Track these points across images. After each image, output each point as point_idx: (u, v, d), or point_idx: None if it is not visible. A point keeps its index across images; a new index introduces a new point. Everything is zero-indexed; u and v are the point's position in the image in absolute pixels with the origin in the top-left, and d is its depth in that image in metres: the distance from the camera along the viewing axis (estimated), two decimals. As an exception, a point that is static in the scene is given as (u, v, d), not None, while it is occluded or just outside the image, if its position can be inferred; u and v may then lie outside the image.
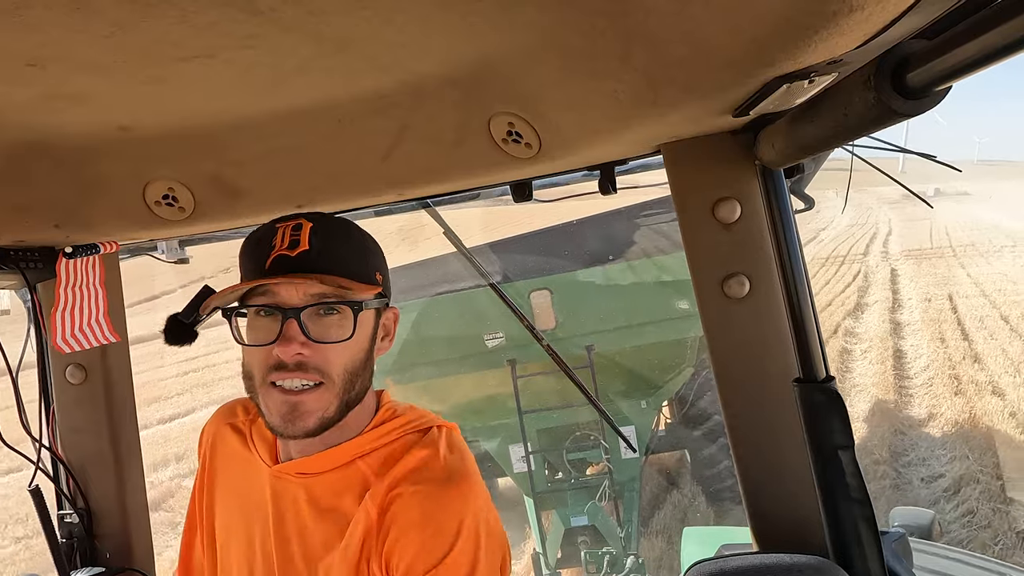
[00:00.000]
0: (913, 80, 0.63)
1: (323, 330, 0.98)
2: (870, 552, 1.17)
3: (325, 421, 0.99)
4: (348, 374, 1.00)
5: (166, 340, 1.13)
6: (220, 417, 1.21)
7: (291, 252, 0.98)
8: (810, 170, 1.37)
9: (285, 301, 0.97)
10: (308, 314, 0.97)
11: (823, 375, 1.20)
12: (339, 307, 0.98)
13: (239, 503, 1.12)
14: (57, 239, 1.45)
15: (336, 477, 1.04)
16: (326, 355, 0.98)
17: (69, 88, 0.93)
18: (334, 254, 1.00)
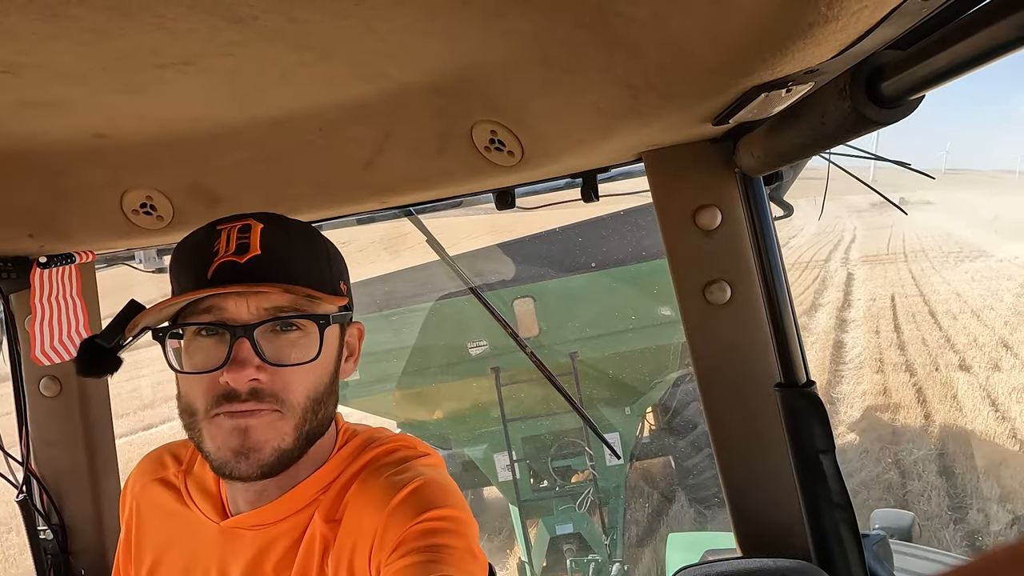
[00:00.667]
0: (887, 89, 0.64)
1: (282, 349, 0.81)
2: (852, 555, 1.18)
3: (283, 454, 0.81)
4: (311, 401, 0.83)
5: (79, 370, 0.92)
6: (144, 473, 0.99)
7: (239, 258, 0.80)
8: (788, 177, 1.39)
9: (234, 317, 0.80)
10: (263, 331, 0.80)
11: (804, 379, 1.21)
12: (300, 322, 0.82)
13: (181, 571, 0.91)
14: (31, 249, 1.42)
15: (298, 521, 0.87)
16: (286, 380, 0.81)
17: (45, 95, 0.92)
18: (291, 260, 0.83)
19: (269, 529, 0.87)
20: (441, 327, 4.91)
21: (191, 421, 0.83)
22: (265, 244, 0.82)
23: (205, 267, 0.81)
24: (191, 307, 0.82)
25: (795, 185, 1.52)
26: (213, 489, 0.93)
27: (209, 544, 0.90)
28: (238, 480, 0.83)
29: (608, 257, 5.04)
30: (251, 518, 0.88)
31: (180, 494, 0.95)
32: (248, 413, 0.79)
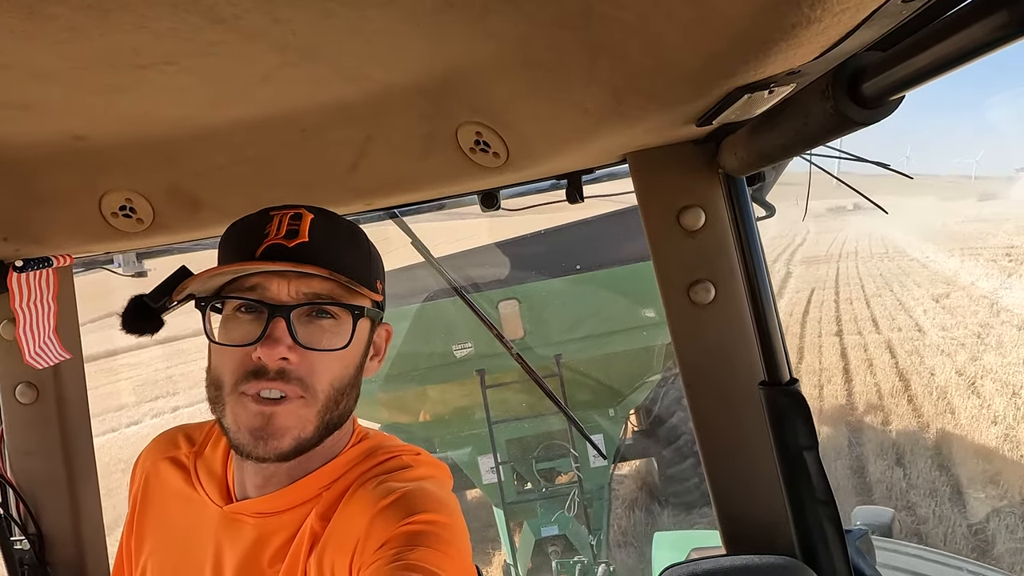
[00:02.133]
0: (868, 90, 0.65)
1: (314, 335, 0.84)
2: (835, 551, 1.19)
3: (302, 442, 0.84)
4: (334, 390, 0.85)
5: (123, 326, 0.94)
6: (157, 450, 1.02)
7: (288, 242, 0.84)
8: (770, 178, 1.41)
9: (274, 297, 0.83)
10: (299, 315, 0.83)
11: (787, 378, 1.23)
12: (336, 310, 0.85)
13: (179, 551, 0.93)
14: (6, 253, 1.39)
15: (300, 514, 0.88)
16: (313, 365, 0.83)
17: (21, 96, 0.90)
18: (336, 252, 0.86)
19: (269, 519, 0.88)
20: (426, 329, 4.89)
21: (217, 395, 0.85)
22: (313, 232, 0.85)
23: (255, 247, 0.84)
24: (235, 283, 0.85)
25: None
26: (220, 473, 0.94)
27: (210, 528, 0.91)
28: (254, 461, 0.84)
29: (592, 259, 5.06)
30: (254, 505, 0.89)
31: (189, 475, 0.96)
32: (275, 403, 0.82)
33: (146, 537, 0.97)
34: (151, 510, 0.99)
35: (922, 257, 24.09)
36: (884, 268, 22.31)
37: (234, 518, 0.90)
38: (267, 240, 0.84)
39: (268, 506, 0.88)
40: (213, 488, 0.93)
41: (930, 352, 10.65)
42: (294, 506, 0.88)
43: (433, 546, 0.78)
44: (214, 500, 0.92)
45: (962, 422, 7.72)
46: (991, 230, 30.79)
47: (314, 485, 0.89)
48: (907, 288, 17.46)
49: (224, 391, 0.84)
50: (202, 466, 0.97)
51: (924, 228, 34.95)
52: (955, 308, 13.92)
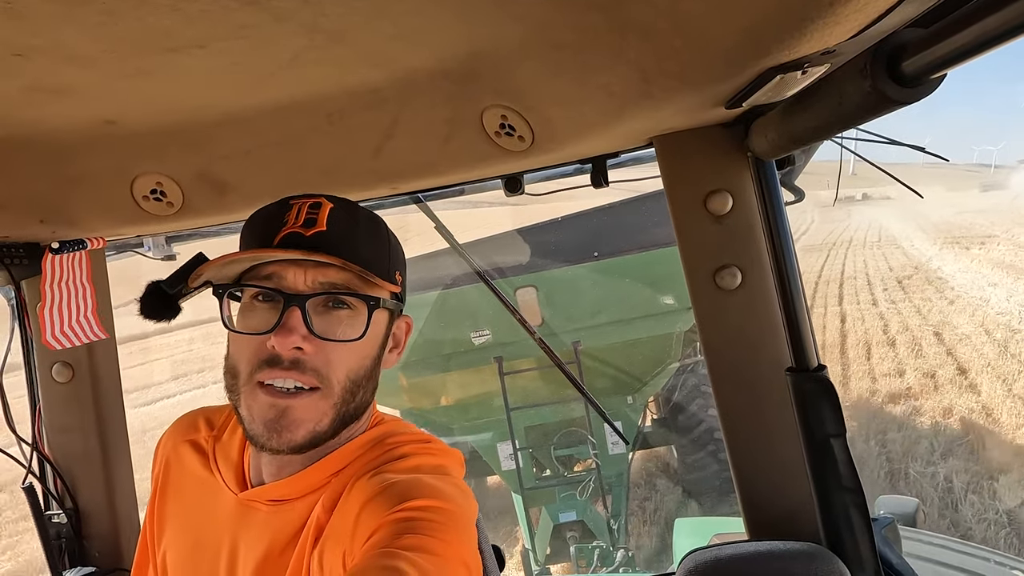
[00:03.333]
0: (908, 68, 0.64)
1: (330, 325, 0.83)
2: (862, 539, 1.19)
3: (316, 435, 0.83)
4: (350, 382, 0.84)
5: (141, 311, 0.94)
6: (178, 432, 1.01)
7: (306, 231, 0.83)
8: (800, 162, 1.39)
9: (290, 286, 0.82)
10: (314, 304, 0.82)
11: (815, 364, 1.21)
12: (352, 301, 0.84)
13: (196, 535, 0.92)
14: (43, 235, 1.42)
15: (310, 502, 0.87)
16: (328, 356, 0.82)
17: (55, 80, 0.92)
18: (354, 242, 0.85)
19: (282, 507, 0.87)
20: (444, 317, 4.91)
21: (233, 383, 0.84)
22: (332, 222, 0.84)
23: (273, 234, 0.83)
24: (253, 271, 0.84)
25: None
26: (236, 459, 0.93)
27: (225, 514, 0.90)
28: (268, 452, 0.84)
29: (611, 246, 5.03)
30: (267, 492, 0.88)
31: (207, 459, 0.96)
32: (289, 395, 0.81)
33: (167, 520, 0.97)
34: (171, 493, 0.98)
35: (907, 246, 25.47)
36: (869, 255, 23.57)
37: (248, 505, 0.89)
38: (285, 228, 0.84)
39: (280, 493, 0.88)
40: (229, 474, 0.92)
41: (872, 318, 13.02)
42: (305, 494, 0.87)
43: (424, 532, 0.74)
44: (230, 486, 0.91)
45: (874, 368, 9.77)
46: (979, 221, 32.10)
47: (324, 472, 0.88)
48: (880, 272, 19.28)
49: (240, 380, 0.83)
50: (220, 451, 0.96)
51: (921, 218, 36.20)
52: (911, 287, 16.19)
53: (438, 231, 2.06)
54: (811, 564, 1.16)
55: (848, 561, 1.19)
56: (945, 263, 19.41)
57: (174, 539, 0.95)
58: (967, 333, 11.01)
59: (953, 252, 21.56)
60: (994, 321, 11.54)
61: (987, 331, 10.96)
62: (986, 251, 20.82)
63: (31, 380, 1.63)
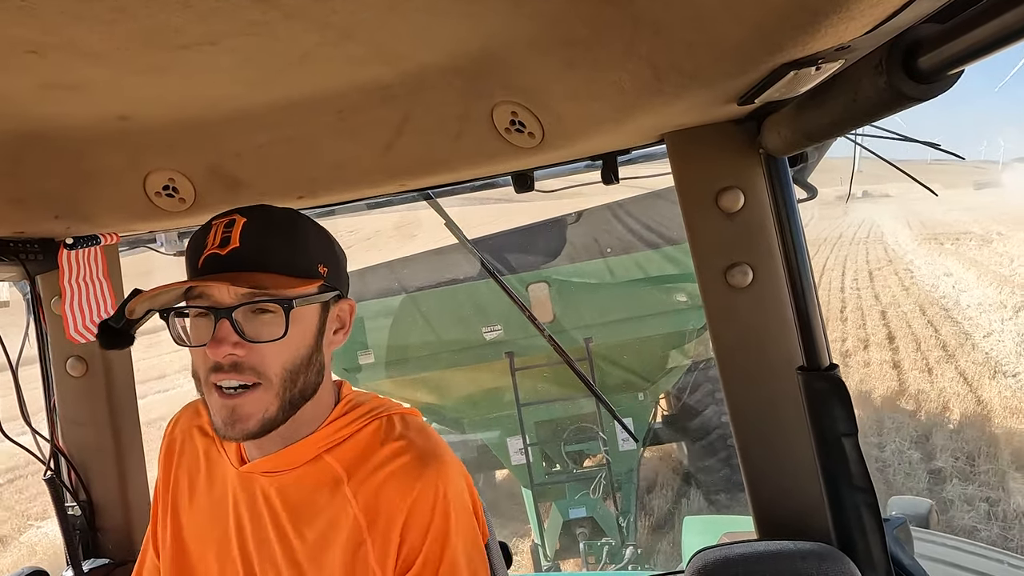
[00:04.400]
0: (924, 64, 0.62)
1: (256, 329, 0.93)
2: (873, 539, 1.17)
3: (267, 422, 0.95)
4: (287, 372, 0.95)
5: (102, 344, 1.06)
6: (186, 420, 1.15)
7: (222, 250, 0.93)
8: (813, 159, 1.37)
9: (218, 301, 0.93)
10: (241, 313, 0.93)
11: (826, 363, 1.20)
12: (270, 306, 0.93)
13: (211, 508, 1.07)
14: (57, 231, 1.44)
15: (304, 473, 1.01)
16: (262, 354, 0.93)
17: (69, 77, 0.92)
18: (267, 250, 0.94)
19: (274, 477, 1.01)
20: (457, 311, 4.92)
21: (198, 385, 0.98)
22: (244, 237, 0.94)
23: (197, 258, 0.95)
24: (190, 291, 0.96)
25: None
26: None
27: (231, 486, 1.05)
28: (228, 441, 0.99)
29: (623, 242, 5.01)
30: (260, 465, 1.02)
31: (213, 441, 1.10)
32: (236, 395, 0.93)
33: (181, 500, 1.10)
34: (184, 476, 1.11)
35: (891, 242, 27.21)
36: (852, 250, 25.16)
37: (248, 477, 1.03)
38: (206, 251, 0.94)
39: (271, 466, 1.01)
40: (231, 452, 1.06)
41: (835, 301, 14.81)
42: (296, 466, 1.01)
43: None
44: (232, 462, 1.05)
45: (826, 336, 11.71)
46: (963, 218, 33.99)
47: (310, 448, 1.01)
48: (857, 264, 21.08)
49: (201, 383, 0.97)
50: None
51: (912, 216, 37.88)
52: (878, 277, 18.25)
53: (448, 228, 2.06)
54: (822, 564, 1.15)
55: (859, 562, 1.18)
56: (917, 257, 21.44)
57: (190, 512, 1.08)
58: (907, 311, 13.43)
59: (928, 248, 23.35)
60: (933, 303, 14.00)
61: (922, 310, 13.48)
62: (956, 247, 22.45)
63: (45, 374, 1.65)
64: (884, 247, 25.60)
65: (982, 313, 12.23)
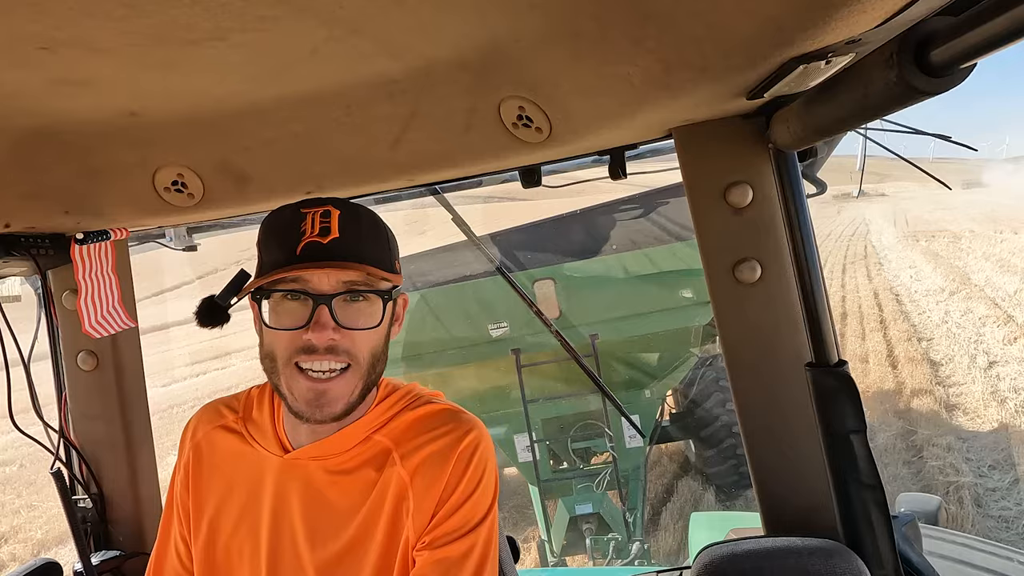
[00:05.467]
0: (936, 58, 0.62)
1: (352, 317, 0.99)
2: (881, 536, 1.17)
3: (350, 405, 1.01)
4: (373, 358, 1.02)
5: (199, 322, 1.11)
6: (206, 423, 1.16)
7: (322, 239, 0.98)
8: (823, 154, 1.36)
9: (316, 288, 0.97)
10: (338, 301, 0.98)
11: (835, 359, 1.20)
12: (368, 295, 1.00)
13: (242, 500, 1.08)
14: (68, 226, 1.45)
15: (354, 453, 1.06)
16: (354, 340, 0.99)
17: (79, 72, 0.93)
18: (362, 243, 1.01)
19: (325, 462, 1.05)
20: (464, 308, 4.92)
21: (272, 366, 1.01)
22: (342, 228, 0.99)
23: (294, 245, 0.98)
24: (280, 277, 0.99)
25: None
26: (271, 429, 1.10)
27: (270, 476, 1.07)
28: (312, 424, 1.01)
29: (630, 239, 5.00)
30: (310, 451, 1.05)
31: (243, 437, 1.12)
32: (326, 379, 0.98)
33: (206, 497, 1.11)
34: (206, 473, 1.12)
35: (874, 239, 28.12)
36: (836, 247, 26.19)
37: (297, 463, 1.06)
38: (305, 238, 0.98)
39: (322, 451, 1.05)
40: (270, 443, 1.09)
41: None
42: (345, 450, 1.06)
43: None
44: (273, 452, 1.08)
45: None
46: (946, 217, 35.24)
47: (362, 430, 1.06)
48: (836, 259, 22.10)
49: (279, 364, 1.00)
50: (253, 427, 1.12)
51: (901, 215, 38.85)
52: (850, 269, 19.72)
53: (455, 223, 2.06)
54: (829, 561, 1.15)
55: (867, 558, 1.17)
56: (891, 252, 22.90)
57: (220, 508, 1.10)
58: (862, 296, 14.99)
59: (905, 244, 24.76)
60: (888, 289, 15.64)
61: (876, 294, 15.08)
62: (929, 244, 23.93)
63: (57, 368, 1.67)
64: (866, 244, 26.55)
65: (924, 297, 14.18)
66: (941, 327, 11.31)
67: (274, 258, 1.00)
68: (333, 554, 1.02)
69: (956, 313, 12.07)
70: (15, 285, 1.69)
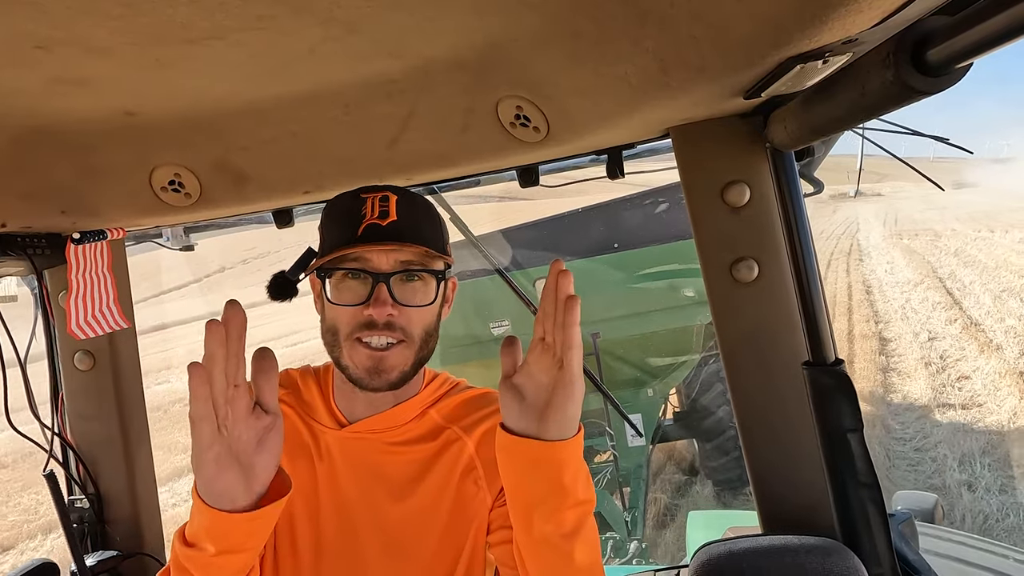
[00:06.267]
0: (933, 57, 0.62)
1: (408, 294, 1.05)
2: (878, 534, 1.17)
3: (404, 375, 1.06)
4: (426, 334, 1.08)
5: (270, 295, 1.18)
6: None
7: (382, 222, 1.04)
8: (820, 153, 1.36)
9: (376, 266, 1.03)
10: (395, 280, 1.04)
11: (832, 358, 1.20)
12: (423, 275, 1.06)
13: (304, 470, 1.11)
14: (64, 225, 1.44)
15: (411, 427, 1.12)
16: (410, 316, 1.05)
17: (76, 72, 0.93)
18: (419, 226, 1.06)
19: (387, 433, 1.11)
20: (465, 306, 4.92)
21: (334, 339, 1.07)
22: (400, 212, 1.06)
23: (356, 226, 1.05)
24: (343, 256, 1.04)
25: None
26: (323, 405, 1.15)
27: (332, 448, 1.11)
28: (370, 391, 1.07)
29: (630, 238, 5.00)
30: (369, 424, 1.11)
31: (297, 411, 1.16)
32: (383, 350, 1.04)
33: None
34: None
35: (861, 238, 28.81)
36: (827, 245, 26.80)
37: (355, 437, 1.11)
38: (365, 220, 1.04)
39: (380, 424, 1.11)
40: (324, 417, 1.13)
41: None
42: (406, 422, 1.12)
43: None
44: (329, 426, 1.12)
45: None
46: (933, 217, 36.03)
47: (418, 405, 1.13)
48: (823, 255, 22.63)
49: (340, 337, 1.06)
50: (305, 404, 1.16)
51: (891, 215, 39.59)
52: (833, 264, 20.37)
53: (453, 223, 2.06)
54: (826, 559, 1.15)
55: (864, 556, 1.18)
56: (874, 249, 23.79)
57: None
58: (840, 288, 15.71)
59: (888, 242, 25.73)
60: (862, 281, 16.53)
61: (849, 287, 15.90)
62: (911, 242, 24.95)
63: (53, 368, 1.66)
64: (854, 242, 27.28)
65: (892, 288, 15.43)
66: (898, 312, 12.80)
67: (336, 239, 1.06)
68: (395, 523, 1.07)
69: (915, 301, 13.64)
70: (11, 285, 1.68)
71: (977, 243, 22.04)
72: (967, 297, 13.30)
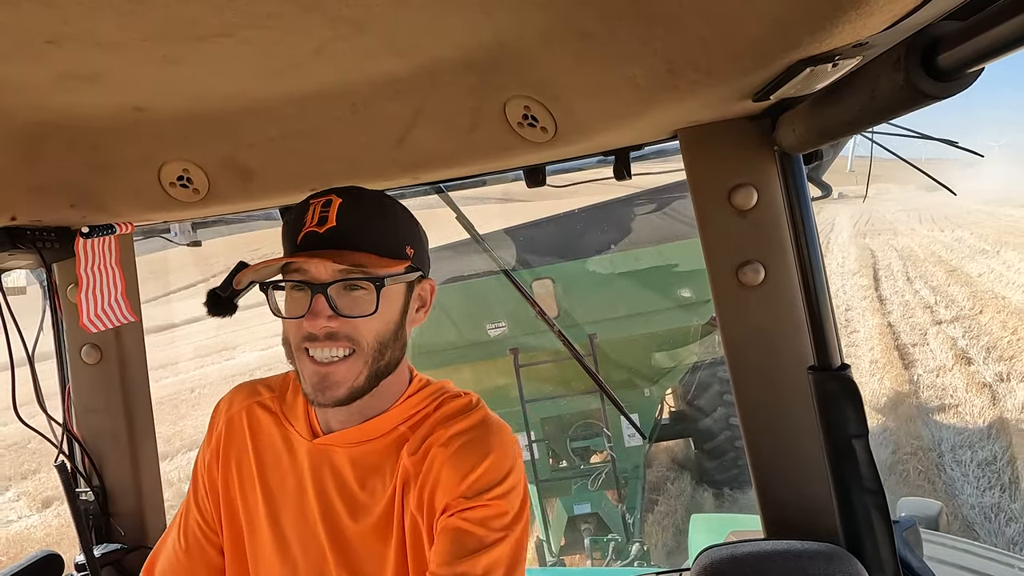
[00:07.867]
0: (944, 62, 0.62)
1: (349, 304, 1.00)
2: (882, 541, 1.17)
3: (355, 390, 1.01)
4: (378, 343, 1.02)
5: (209, 311, 1.14)
6: (244, 397, 1.18)
7: (320, 229, 0.99)
8: (828, 156, 1.36)
9: (315, 277, 0.99)
10: (336, 289, 0.98)
11: (838, 363, 1.19)
12: (363, 283, 0.99)
13: (278, 478, 1.10)
14: (73, 219, 1.45)
15: (380, 444, 1.07)
16: (355, 326, 1.00)
17: (86, 67, 0.93)
18: (362, 230, 1.00)
19: (353, 449, 1.07)
20: (462, 307, 4.92)
21: (288, 351, 1.04)
22: (341, 216, 1.00)
23: (296, 235, 1.01)
24: (287, 267, 1.01)
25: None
26: (303, 414, 1.12)
27: (303, 458, 1.09)
28: (318, 407, 1.04)
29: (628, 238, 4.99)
30: (339, 438, 1.07)
31: (278, 417, 1.14)
32: (329, 364, 0.99)
33: (236, 470, 1.13)
34: (237, 447, 1.14)
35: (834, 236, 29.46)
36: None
37: (324, 449, 1.07)
38: (304, 228, 1.00)
39: (351, 438, 1.07)
40: (302, 426, 1.10)
41: None
42: (373, 438, 1.07)
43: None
44: (303, 436, 1.09)
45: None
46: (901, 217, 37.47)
47: (389, 422, 1.07)
48: None
49: (292, 349, 1.03)
50: (287, 409, 1.14)
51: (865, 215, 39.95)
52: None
53: (459, 221, 2.07)
54: (829, 565, 1.15)
55: (867, 563, 1.17)
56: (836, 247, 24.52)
57: (252, 485, 1.12)
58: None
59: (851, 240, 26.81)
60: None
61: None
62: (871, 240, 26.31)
63: (61, 361, 1.67)
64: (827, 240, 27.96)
65: (834, 276, 16.78)
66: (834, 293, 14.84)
67: (285, 250, 1.03)
68: (353, 540, 1.04)
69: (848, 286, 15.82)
70: (20, 277, 1.69)
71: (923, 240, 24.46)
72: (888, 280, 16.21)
